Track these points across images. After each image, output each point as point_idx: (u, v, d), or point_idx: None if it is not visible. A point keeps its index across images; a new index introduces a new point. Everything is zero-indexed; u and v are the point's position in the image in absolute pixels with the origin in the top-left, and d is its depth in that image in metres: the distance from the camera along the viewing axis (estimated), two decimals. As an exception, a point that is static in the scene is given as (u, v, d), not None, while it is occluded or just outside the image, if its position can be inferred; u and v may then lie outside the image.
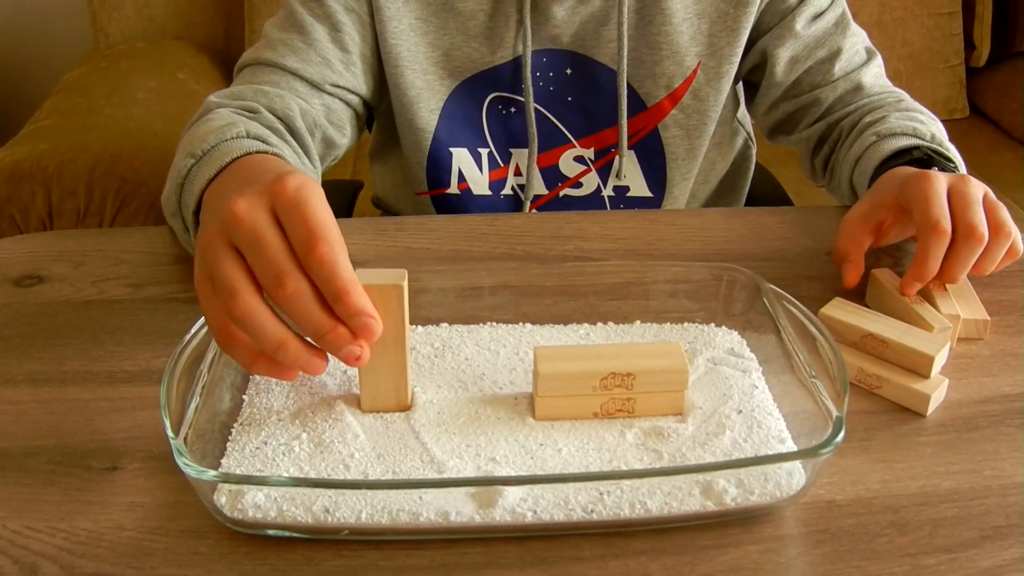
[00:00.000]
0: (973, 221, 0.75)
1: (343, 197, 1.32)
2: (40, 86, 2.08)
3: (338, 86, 0.97)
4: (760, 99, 1.09)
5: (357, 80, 1.00)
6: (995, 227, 0.75)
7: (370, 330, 0.57)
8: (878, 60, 1.07)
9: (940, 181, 0.77)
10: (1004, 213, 0.76)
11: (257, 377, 0.68)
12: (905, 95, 1.04)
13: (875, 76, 1.06)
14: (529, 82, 1.02)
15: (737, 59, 1.04)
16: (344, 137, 1.01)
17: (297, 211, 0.56)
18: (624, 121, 1.04)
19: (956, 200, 0.76)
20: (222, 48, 2.06)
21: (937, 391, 0.68)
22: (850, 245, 0.81)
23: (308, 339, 0.58)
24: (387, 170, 1.17)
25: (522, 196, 1.09)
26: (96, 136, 1.56)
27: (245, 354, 0.59)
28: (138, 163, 1.49)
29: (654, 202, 1.11)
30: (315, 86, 0.96)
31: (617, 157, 1.07)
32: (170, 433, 0.55)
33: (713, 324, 0.74)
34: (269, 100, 0.91)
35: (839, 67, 1.04)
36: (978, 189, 0.78)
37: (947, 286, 0.78)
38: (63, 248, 0.89)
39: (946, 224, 0.75)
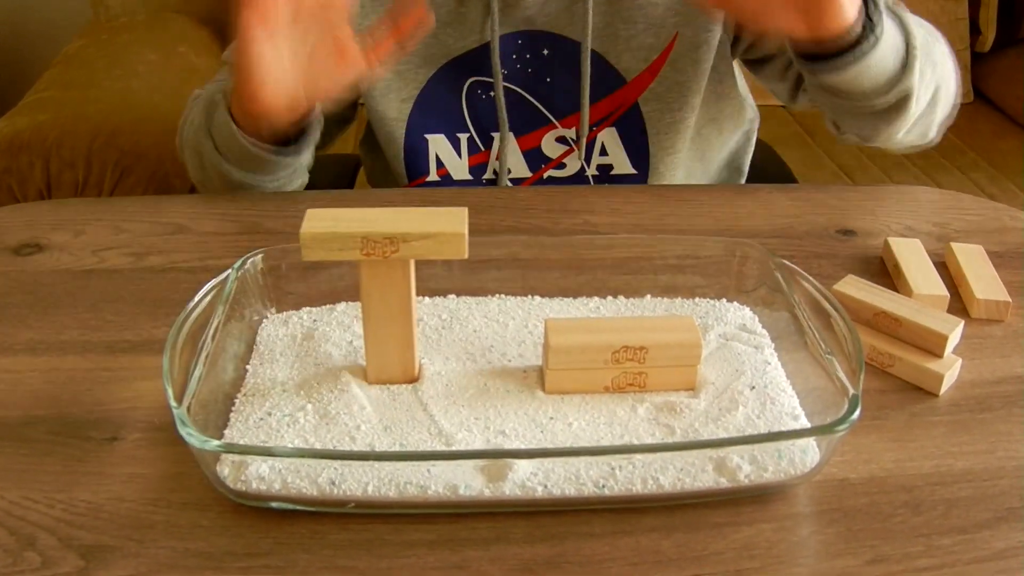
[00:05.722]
0: None
1: (344, 171, 1.31)
2: (40, 58, 2.06)
3: None
4: (769, 70, 1.06)
5: None
6: None
7: None
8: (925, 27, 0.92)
9: None
10: None
11: (261, 347, 0.67)
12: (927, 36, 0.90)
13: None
14: (498, 67, 1.01)
15: (715, 28, 1.01)
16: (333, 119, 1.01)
17: None
18: (587, 100, 1.03)
19: None
20: (223, 22, 2.04)
21: (950, 371, 0.67)
22: None
23: None
24: (374, 159, 1.17)
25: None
26: (96, 108, 1.56)
27: None
28: (137, 136, 1.48)
29: (639, 179, 1.08)
30: None
31: (587, 135, 1.05)
32: (173, 403, 0.54)
33: (725, 299, 0.73)
34: None
35: None
36: None
37: (965, 269, 0.77)
38: (63, 217, 0.88)
39: None
